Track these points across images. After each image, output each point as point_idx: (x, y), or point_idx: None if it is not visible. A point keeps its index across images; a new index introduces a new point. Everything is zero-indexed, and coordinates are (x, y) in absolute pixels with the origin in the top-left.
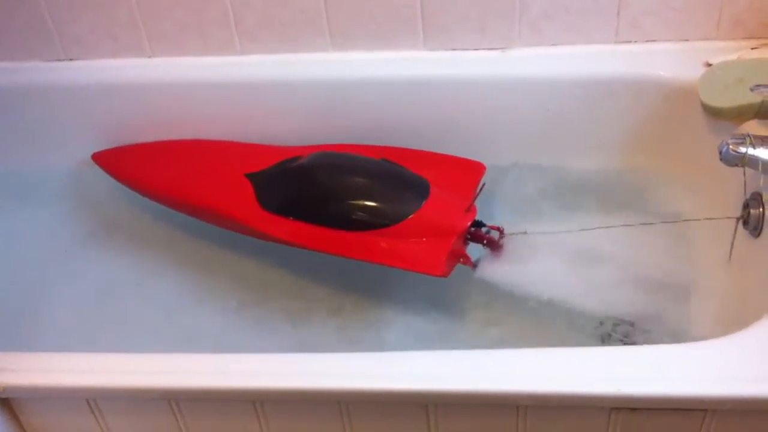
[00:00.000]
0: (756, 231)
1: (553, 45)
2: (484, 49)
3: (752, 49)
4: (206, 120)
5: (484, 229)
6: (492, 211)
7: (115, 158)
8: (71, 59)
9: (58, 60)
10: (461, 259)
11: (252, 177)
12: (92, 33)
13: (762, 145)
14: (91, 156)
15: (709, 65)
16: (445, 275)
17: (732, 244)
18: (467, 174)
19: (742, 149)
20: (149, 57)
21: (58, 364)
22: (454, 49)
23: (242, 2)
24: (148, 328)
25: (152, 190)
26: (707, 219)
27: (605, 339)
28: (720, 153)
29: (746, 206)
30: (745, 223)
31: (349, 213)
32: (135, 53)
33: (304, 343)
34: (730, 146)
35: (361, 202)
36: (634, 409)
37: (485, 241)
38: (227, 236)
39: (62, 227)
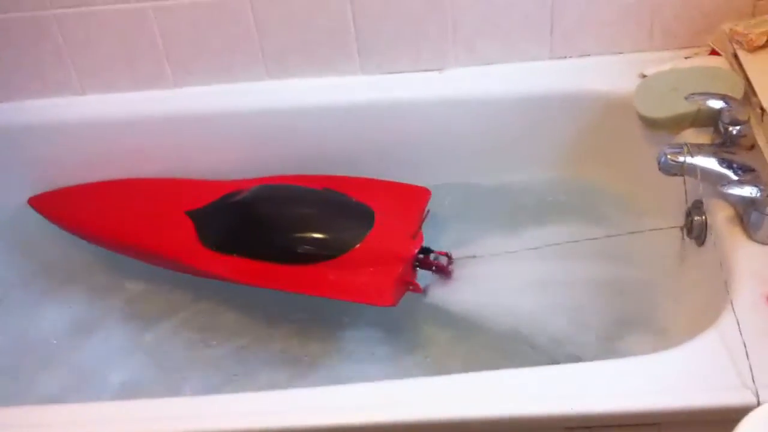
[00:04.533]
0: (700, 239)
1: (488, 63)
2: (421, 70)
3: (685, 58)
4: (143, 157)
5: (432, 255)
6: (439, 235)
7: (53, 202)
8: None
9: None
10: (410, 287)
11: (192, 214)
12: (18, 73)
13: (699, 153)
14: (28, 201)
15: (644, 76)
16: (393, 305)
17: (679, 252)
18: (412, 200)
19: (681, 158)
20: (80, 95)
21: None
22: (391, 72)
23: (171, 33)
24: (87, 375)
25: (91, 232)
26: (650, 230)
27: (556, 358)
28: (659, 163)
29: (689, 215)
30: (689, 232)
31: (293, 246)
32: (65, 92)
33: (248, 376)
34: (669, 156)
35: (304, 235)
36: (588, 428)
37: (434, 267)
38: (169, 276)
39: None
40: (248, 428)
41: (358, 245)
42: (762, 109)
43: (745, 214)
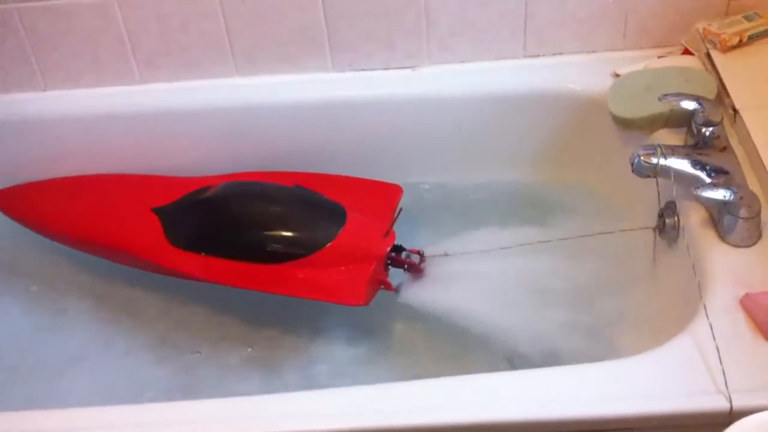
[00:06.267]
0: (672, 240)
1: (462, 62)
2: (394, 68)
3: (659, 57)
4: (108, 153)
5: (404, 254)
6: (411, 233)
7: (14, 197)
8: None
9: None
10: (382, 285)
11: (159, 211)
12: None
13: (673, 155)
14: None
15: (617, 75)
16: (366, 304)
17: (653, 254)
18: (384, 197)
19: (654, 160)
20: (43, 90)
21: None
22: (363, 70)
23: (138, 28)
24: (50, 376)
25: (54, 229)
26: (623, 231)
27: (528, 359)
28: (632, 165)
29: (661, 215)
30: (661, 233)
31: (262, 245)
32: (27, 87)
33: (220, 380)
34: (642, 157)
35: (275, 233)
36: None
37: (406, 266)
38: (135, 274)
39: None
40: None
41: (329, 244)
42: (734, 110)
43: (719, 216)
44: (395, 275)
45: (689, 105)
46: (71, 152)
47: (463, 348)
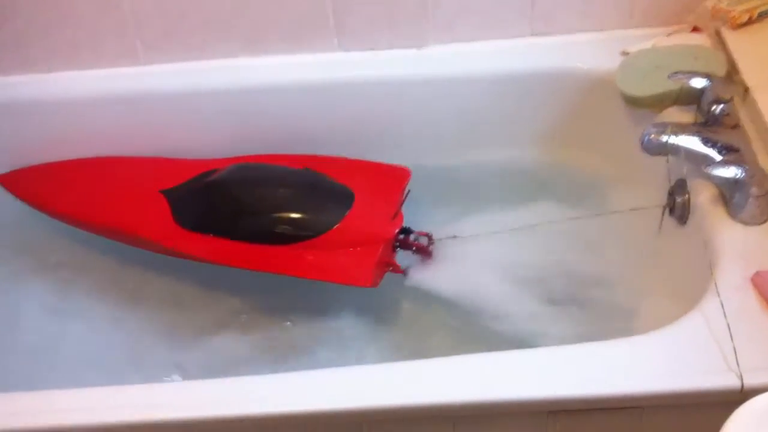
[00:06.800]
0: (683, 219)
1: (468, 41)
2: (399, 47)
3: (667, 35)
4: (115, 136)
5: (412, 236)
6: (419, 215)
7: (23, 179)
8: None
9: None
10: (390, 267)
11: (167, 193)
12: None
13: (683, 132)
14: None
15: (626, 54)
16: (374, 285)
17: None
18: (392, 180)
19: (664, 138)
20: (47, 72)
21: None
22: (369, 49)
23: (141, 9)
24: (62, 357)
25: (62, 211)
26: (633, 210)
27: (537, 339)
28: (641, 143)
29: (671, 194)
30: (672, 212)
31: (271, 226)
32: (30, 69)
33: (231, 358)
34: (652, 136)
35: (283, 215)
36: (570, 411)
37: (414, 248)
38: (143, 255)
39: None
40: (228, 414)
41: (337, 225)
42: (745, 87)
43: (729, 194)
44: (403, 258)
45: (699, 83)
46: (75, 135)
47: (472, 329)
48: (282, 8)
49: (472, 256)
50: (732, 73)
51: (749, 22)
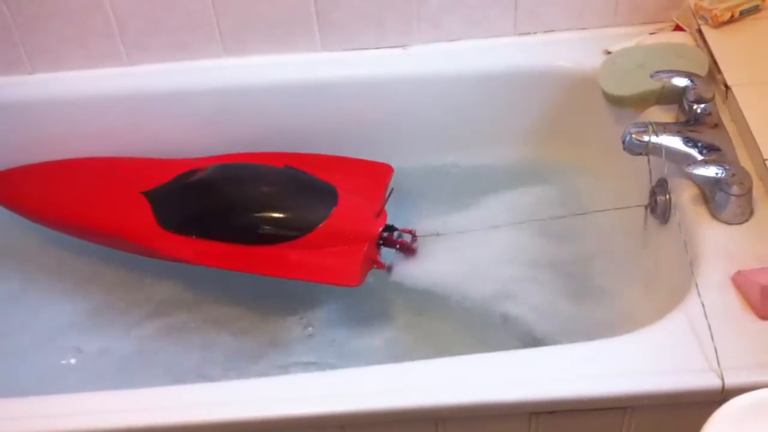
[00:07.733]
0: (664, 218)
1: (453, 40)
2: (384, 47)
3: (650, 34)
4: (96, 136)
5: (396, 233)
6: (402, 213)
7: (0, 183)
8: None
9: None
10: (374, 265)
11: (149, 194)
12: None
13: (664, 132)
14: None
15: (609, 53)
16: (358, 284)
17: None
18: (375, 177)
19: (645, 137)
20: (30, 73)
21: None
22: (353, 49)
23: (125, 9)
24: (42, 361)
25: (41, 214)
26: (615, 209)
27: (519, 337)
28: (623, 143)
29: (653, 194)
30: (653, 211)
31: (254, 227)
32: (13, 70)
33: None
34: (633, 135)
35: (266, 214)
36: (552, 412)
37: (398, 245)
38: (124, 257)
39: None
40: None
41: (321, 224)
42: (726, 86)
43: (710, 193)
44: (387, 255)
45: (681, 82)
46: (58, 136)
47: (454, 325)
48: (265, 8)
49: (455, 253)
50: (714, 71)
51: (731, 20)
